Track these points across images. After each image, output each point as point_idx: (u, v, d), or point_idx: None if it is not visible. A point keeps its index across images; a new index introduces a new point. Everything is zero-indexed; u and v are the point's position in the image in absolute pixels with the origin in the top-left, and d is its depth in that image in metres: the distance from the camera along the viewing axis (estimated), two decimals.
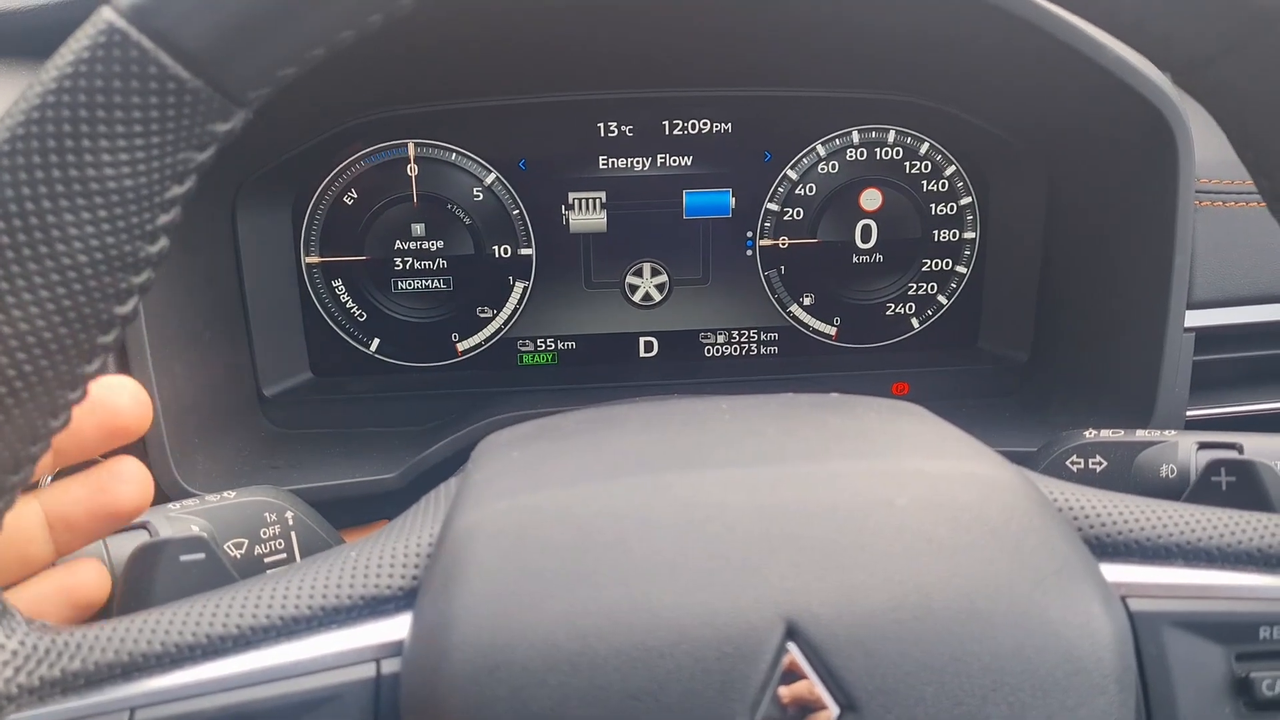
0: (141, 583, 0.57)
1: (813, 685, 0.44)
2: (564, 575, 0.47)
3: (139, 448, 0.85)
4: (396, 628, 0.51)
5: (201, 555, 0.58)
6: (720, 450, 0.54)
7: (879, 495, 0.50)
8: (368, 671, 0.50)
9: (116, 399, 0.60)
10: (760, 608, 0.45)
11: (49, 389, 0.46)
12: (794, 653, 0.44)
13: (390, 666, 0.50)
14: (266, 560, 0.71)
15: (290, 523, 0.72)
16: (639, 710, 0.44)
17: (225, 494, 0.71)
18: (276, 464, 0.94)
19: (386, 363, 1.07)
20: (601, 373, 1.08)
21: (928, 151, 1.06)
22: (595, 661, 0.45)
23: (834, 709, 0.44)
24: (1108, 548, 0.52)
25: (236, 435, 0.97)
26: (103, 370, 0.48)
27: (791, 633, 0.45)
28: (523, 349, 1.08)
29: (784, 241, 1.07)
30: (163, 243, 0.46)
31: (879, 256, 1.08)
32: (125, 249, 0.45)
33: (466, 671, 0.46)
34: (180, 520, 0.68)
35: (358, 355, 1.07)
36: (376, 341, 1.07)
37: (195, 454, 0.89)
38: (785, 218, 1.06)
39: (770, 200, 1.05)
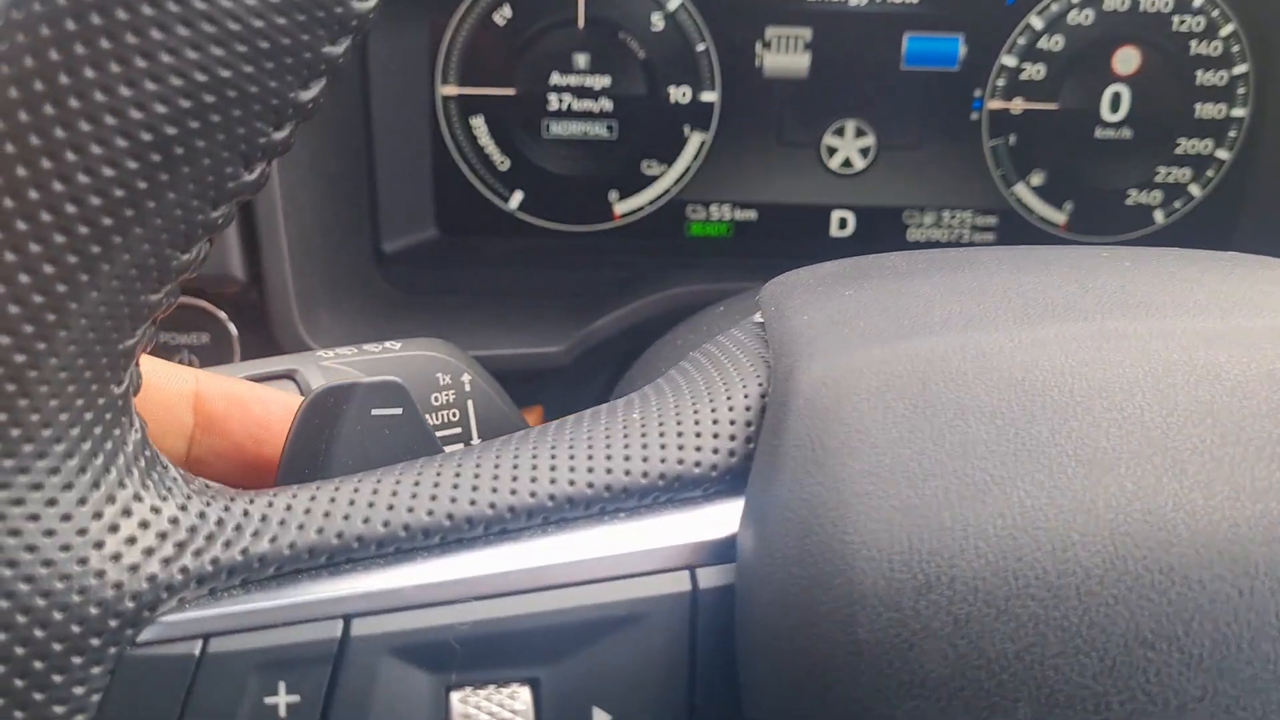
0: (317, 442, 0.42)
1: None
2: (1011, 452, 0.32)
3: (257, 293, 0.70)
4: (709, 523, 0.36)
5: (399, 410, 0.43)
6: (1165, 298, 0.39)
7: None
8: (678, 584, 0.35)
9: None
10: None
11: (233, 141, 0.31)
12: None
13: (711, 579, 0.36)
14: (437, 435, 0.56)
15: (467, 389, 0.57)
16: (1157, 664, 0.30)
17: (388, 344, 0.56)
18: (411, 331, 0.79)
19: (527, 223, 0.92)
20: (784, 250, 0.92)
21: (1203, 4, 0.89)
22: (1084, 586, 0.30)
23: None
24: None
25: (358, 294, 0.82)
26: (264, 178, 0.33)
27: None
28: (693, 216, 0.92)
29: (1018, 105, 0.90)
30: None
31: (1127, 131, 0.91)
32: None
33: (881, 593, 0.31)
34: (335, 372, 0.53)
35: (494, 212, 0.92)
36: (518, 196, 0.91)
37: (319, 308, 0.74)
38: (1022, 76, 0.90)
39: (1007, 52, 0.89)
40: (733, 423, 0.38)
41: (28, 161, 0.28)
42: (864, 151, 0.91)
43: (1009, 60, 0.89)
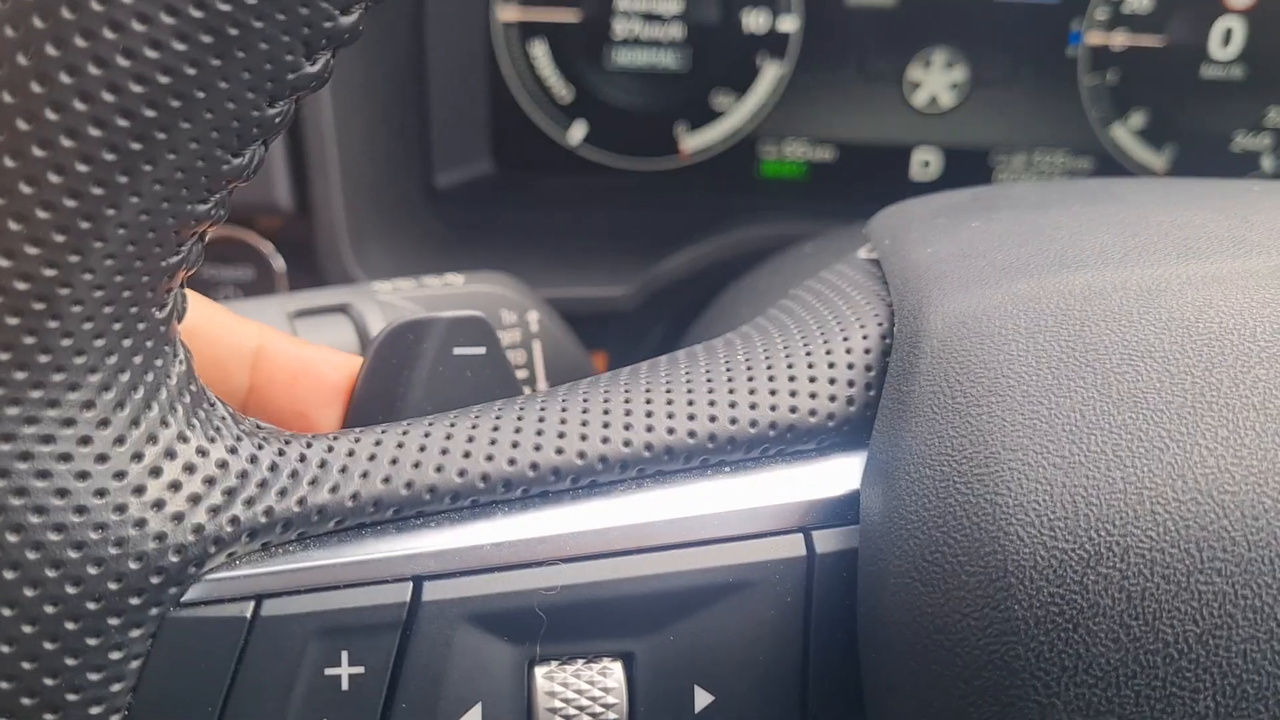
0: (393, 384, 0.38)
1: None
2: (1189, 403, 0.28)
3: (305, 225, 0.66)
4: (829, 478, 0.33)
5: (481, 350, 0.39)
6: None
7: None
8: (791, 548, 0.32)
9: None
10: None
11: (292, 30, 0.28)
12: None
13: (829, 543, 0.32)
14: None
15: (533, 328, 0.53)
16: None
17: (449, 277, 0.52)
18: (467, 268, 0.75)
19: (588, 159, 0.88)
20: (862, 194, 0.87)
21: None
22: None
23: None
24: None
25: (410, 229, 0.79)
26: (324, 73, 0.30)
27: None
28: (765, 154, 0.88)
29: (1119, 39, 0.85)
30: None
31: (1237, 71, 0.86)
32: None
33: (1040, 564, 0.27)
34: (393, 306, 0.50)
35: (553, 146, 0.87)
36: (580, 130, 0.87)
37: (370, 242, 0.70)
38: (1125, 8, 0.84)
39: None
40: (850, 366, 0.34)
41: (58, 39, 0.25)
42: (952, 87, 0.86)
43: None
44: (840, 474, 0.32)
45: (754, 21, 0.84)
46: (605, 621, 0.30)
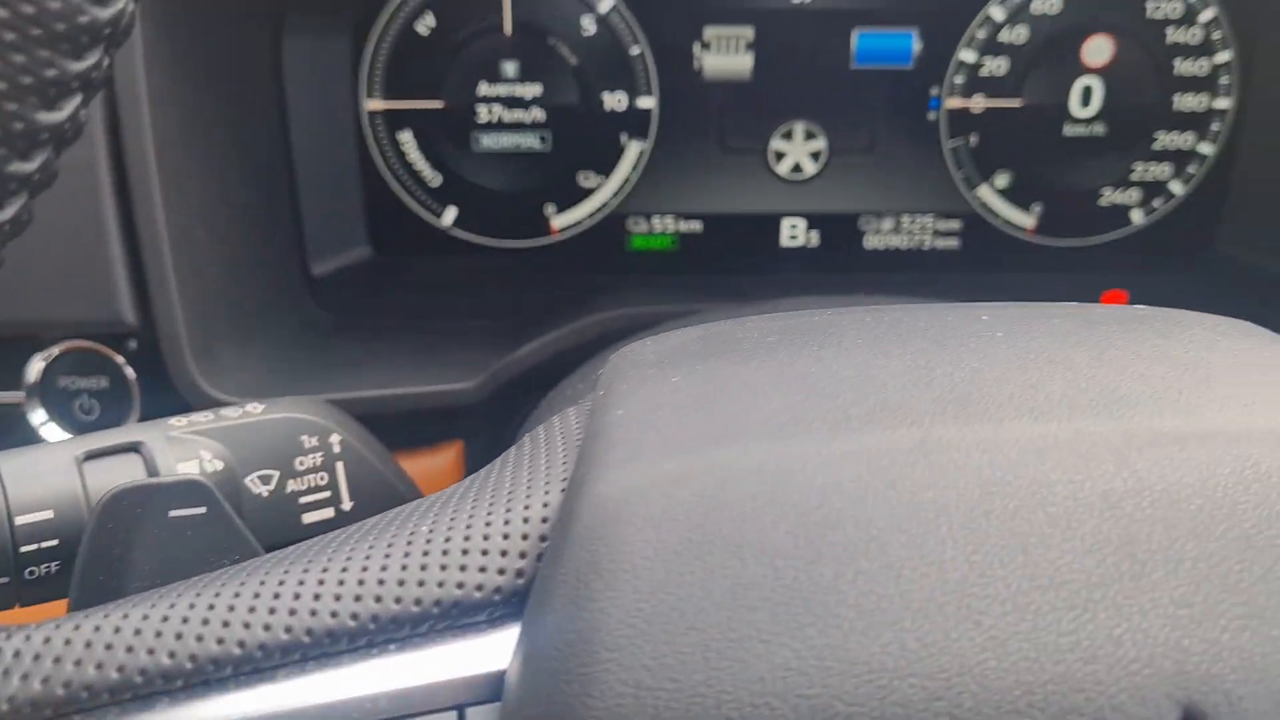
0: (113, 548, 0.40)
1: None
2: (784, 601, 0.29)
3: (149, 337, 0.68)
4: (487, 654, 0.34)
5: (201, 510, 0.40)
6: (1012, 389, 0.35)
7: None
8: None
9: None
10: (1141, 683, 0.28)
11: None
12: None
13: (480, 718, 0.33)
14: (302, 500, 0.53)
15: (336, 449, 0.54)
16: None
17: (249, 407, 0.54)
18: (328, 363, 0.77)
19: (462, 240, 0.89)
20: (732, 264, 0.89)
21: None
22: None
23: None
24: None
25: (277, 328, 0.80)
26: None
27: None
28: (634, 228, 0.89)
29: (978, 103, 0.86)
30: None
31: (1099, 128, 0.87)
32: None
33: None
34: (185, 442, 0.51)
35: (427, 230, 0.89)
36: (451, 213, 0.88)
37: (222, 350, 0.72)
38: (982, 72, 0.86)
39: (965, 46, 0.85)
40: (525, 537, 0.35)
41: None
42: (814, 155, 0.88)
43: (967, 55, 0.85)
44: (503, 648, 0.33)
45: (613, 101, 0.86)
46: None
